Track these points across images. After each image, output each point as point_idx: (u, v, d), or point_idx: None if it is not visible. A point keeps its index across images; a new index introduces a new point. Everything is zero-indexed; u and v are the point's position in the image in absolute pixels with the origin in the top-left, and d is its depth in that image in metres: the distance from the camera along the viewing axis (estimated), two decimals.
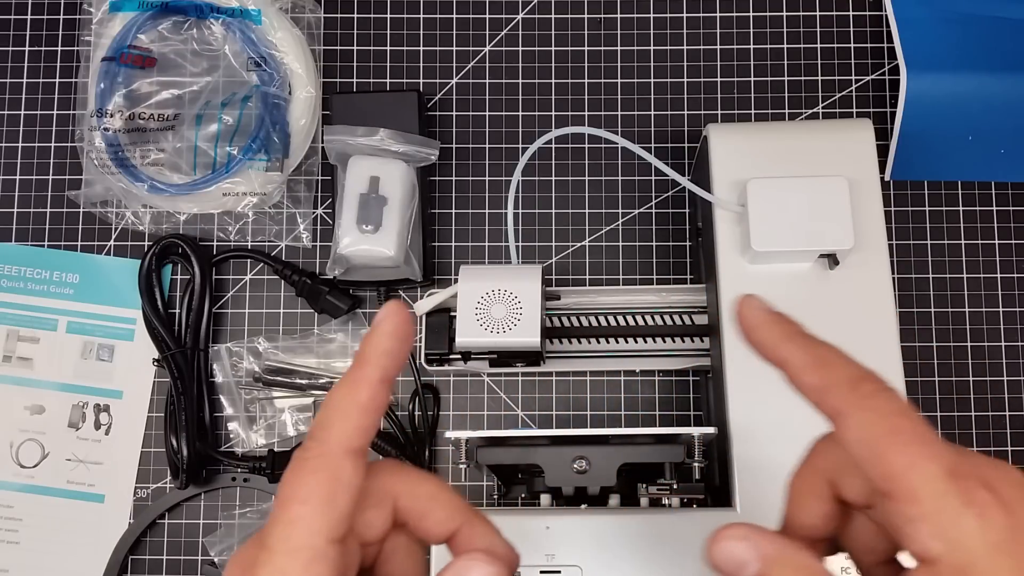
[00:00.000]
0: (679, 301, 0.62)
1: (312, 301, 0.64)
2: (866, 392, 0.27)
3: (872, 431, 0.26)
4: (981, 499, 0.25)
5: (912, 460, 0.26)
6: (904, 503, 0.26)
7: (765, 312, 0.30)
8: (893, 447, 0.26)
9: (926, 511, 0.25)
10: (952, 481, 0.25)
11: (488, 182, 0.66)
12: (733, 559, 0.27)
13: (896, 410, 0.27)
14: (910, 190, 0.66)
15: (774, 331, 0.29)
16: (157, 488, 0.63)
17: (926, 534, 0.25)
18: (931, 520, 0.25)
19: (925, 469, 0.25)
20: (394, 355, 0.28)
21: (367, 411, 0.28)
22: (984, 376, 0.63)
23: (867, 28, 0.68)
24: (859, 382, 0.27)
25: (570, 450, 0.49)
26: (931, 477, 0.25)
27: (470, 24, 0.68)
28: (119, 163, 0.63)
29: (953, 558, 0.25)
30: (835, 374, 0.28)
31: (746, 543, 0.27)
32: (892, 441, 0.26)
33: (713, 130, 0.57)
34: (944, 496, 0.25)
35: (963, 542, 0.25)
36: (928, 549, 0.25)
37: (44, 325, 0.65)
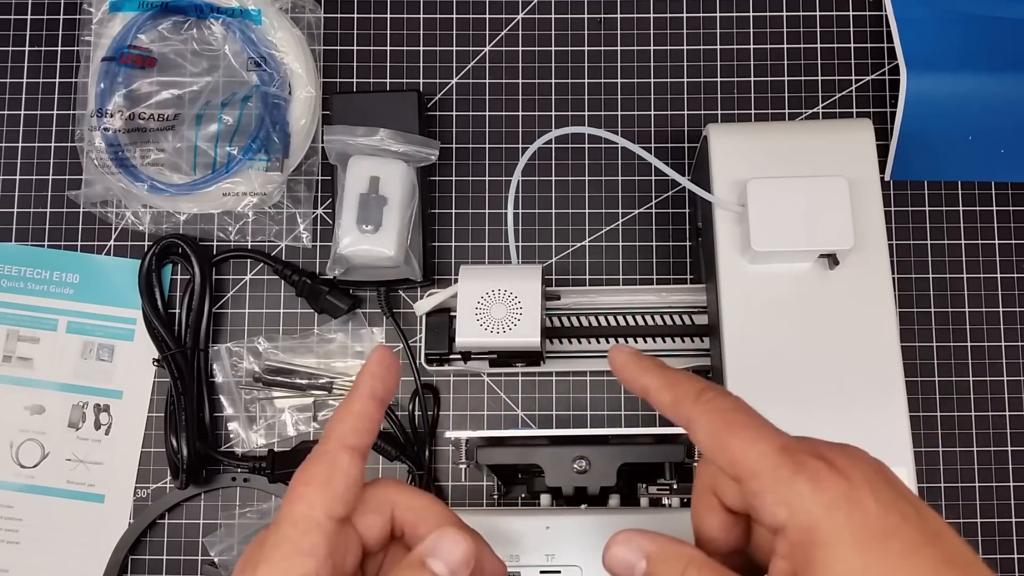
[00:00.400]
0: (679, 301, 0.62)
1: (312, 301, 0.64)
2: (706, 399, 0.31)
3: (713, 428, 0.30)
4: (813, 466, 0.28)
5: (747, 443, 0.29)
6: (748, 481, 0.29)
7: (629, 354, 0.34)
8: (731, 436, 0.30)
9: (765, 483, 0.28)
10: (784, 454, 0.29)
11: (488, 182, 0.66)
12: (623, 562, 0.31)
13: (731, 407, 0.31)
14: (910, 190, 0.66)
15: (637, 366, 0.34)
16: (157, 488, 0.63)
17: (769, 503, 0.28)
18: (771, 490, 0.28)
19: (759, 448, 0.29)
20: (379, 377, 0.34)
21: (359, 416, 0.33)
22: (984, 376, 0.63)
23: (867, 28, 0.68)
24: (701, 392, 0.32)
25: (570, 450, 0.49)
26: (765, 453, 0.29)
27: (470, 24, 0.68)
28: (119, 163, 0.63)
29: (796, 521, 0.28)
30: (682, 390, 0.32)
31: (628, 546, 0.31)
32: (729, 432, 0.30)
33: (713, 130, 0.57)
34: (779, 468, 0.28)
35: (801, 505, 0.28)
36: (775, 517, 0.28)
37: (44, 325, 0.65)
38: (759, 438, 0.29)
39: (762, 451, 0.29)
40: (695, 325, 0.61)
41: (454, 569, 0.31)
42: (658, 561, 0.30)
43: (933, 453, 0.62)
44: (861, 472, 0.28)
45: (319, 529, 0.30)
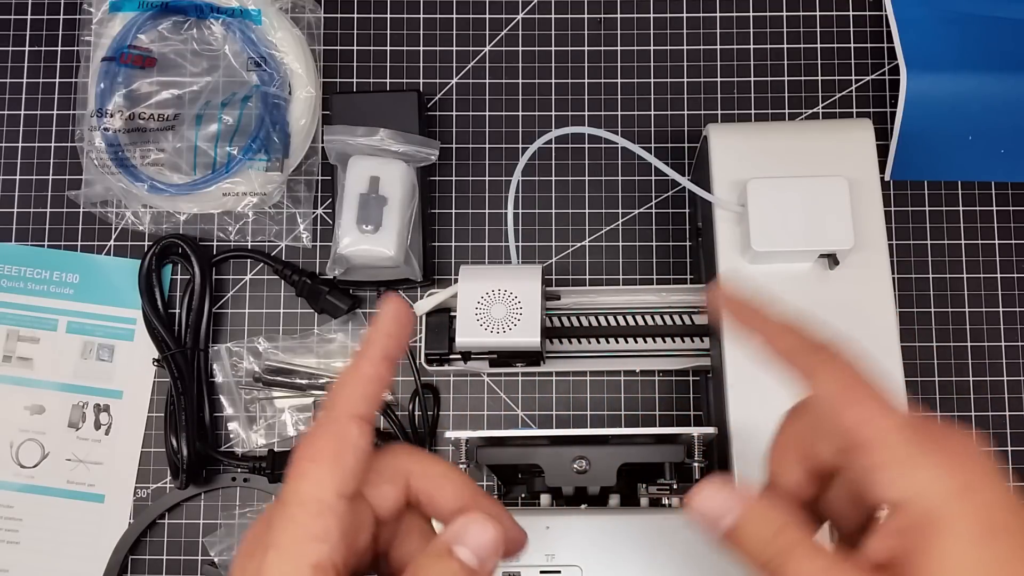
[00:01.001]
0: (679, 301, 0.62)
1: (312, 301, 0.64)
2: (831, 354, 0.30)
3: (839, 387, 0.29)
4: (941, 450, 0.27)
5: (875, 412, 0.28)
6: (871, 452, 0.28)
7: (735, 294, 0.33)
8: (858, 401, 0.28)
9: (889, 458, 0.27)
10: (912, 431, 0.28)
11: (488, 182, 0.66)
12: (713, 510, 0.30)
13: (854, 372, 0.29)
14: (910, 190, 0.66)
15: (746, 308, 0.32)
16: (157, 488, 0.63)
17: (889, 480, 0.27)
18: (894, 466, 0.27)
19: (887, 420, 0.28)
20: (393, 336, 0.31)
21: (369, 381, 0.30)
22: (984, 376, 0.63)
23: (867, 28, 0.68)
24: (824, 345, 0.30)
25: (570, 450, 0.49)
26: (893, 427, 0.28)
27: (470, 24, 0.68)
28: (119, 163, 0.63)
29: (918, 502, 0.27)
30: (803, 340, 0.31)
31: (724, 494, 0.30)
32: (856, 395, 0.28)
33: (713, 130, 0.57)
34: (906, 444, 0.27)
35: (926, 488, 0.27)
36: (892, 493, 0.27)
37: (44, 325, 0.65)
38: (887, 410, 0.28)
39: (890, 424, 0.28)
40: (695, 325, 0.61)
41: (483, 557, 0.29)
42: (750, 518, 0.29)
43: None
44: (981, 464, 0.28)
45: (330, 511, 0.28)
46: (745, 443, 0.51)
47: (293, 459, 0.29)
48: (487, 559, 0.29)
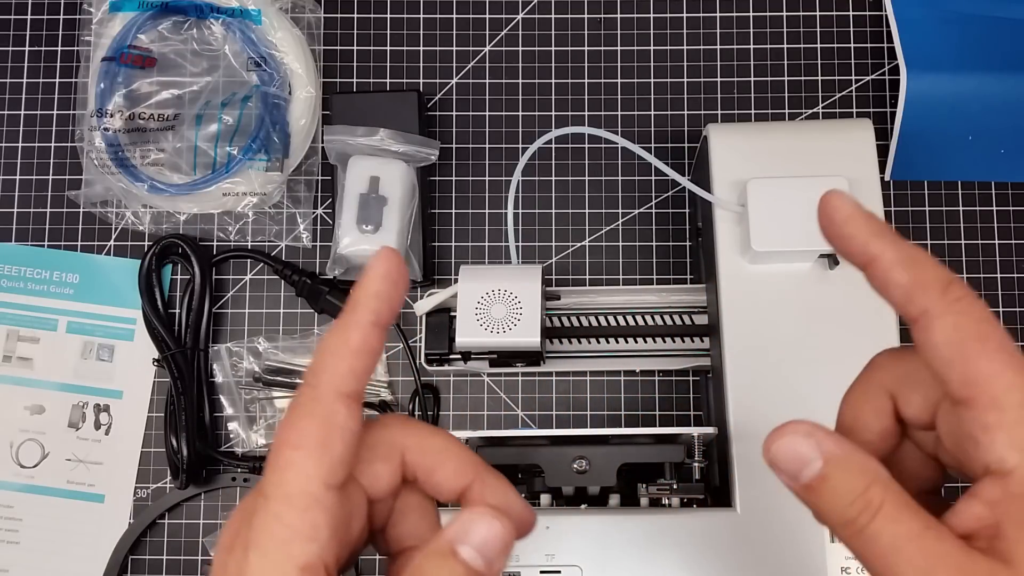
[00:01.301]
0: (679, 301, 0.62)
1: (312, 301, 0.64)
2: (956, 295, 0.26)
3: (961, 334, 0.25)
4: None
5: (1000, 368, 0.25)
6: (984, 410, 0.25)
7: (856, 206, 0.27)
8: (982, 353, 0.25)
9: (1007, 420, 0.24)
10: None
11: (488, 182, 0.66)
12: (795, 456, 0.26)
13: (985, 317, 0.26)
14: (910, 190, 0.66)
15: (866, 226, 0.27)
16: (157, 488, 0.63)
17: (1003, 443, 0.24)
18: (1011, 430, 0.24)
19: (1012, 379, 0.25)
20: (386, 297, 0.27)
21: (359, 353, 0.27)
22: None
23: (867, 28, 0.68)
24: (949, 285, 0.26)
25: (570, 450, 0.49)
26: (1014, 387, 0.25)
27: (470, 24, 0.68)
28: (119, 163, 0.63)
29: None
30: (926, 274, 0.26)
31: (810, 440, 0.26)
32: (981, 347, 0.25)
33: (713, 130, 0.57)
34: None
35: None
36: (1003, 459, 0.24)
37: (44, 325, 0.65)
38: (1015, 366, 0.25)
39: (1012, 383, 0.25)
40: (695, 325, 0.61)
41: (490, 557, 0.26)
42: (839, 468, 0.26)
43: None
44: None
45: (318, 504, 0.25)
46: (745, 443, 0.51)
47: (274, 445, 0.26)
48: (495, 559, 0.26)
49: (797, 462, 0.26)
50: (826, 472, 0.26)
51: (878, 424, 0.29)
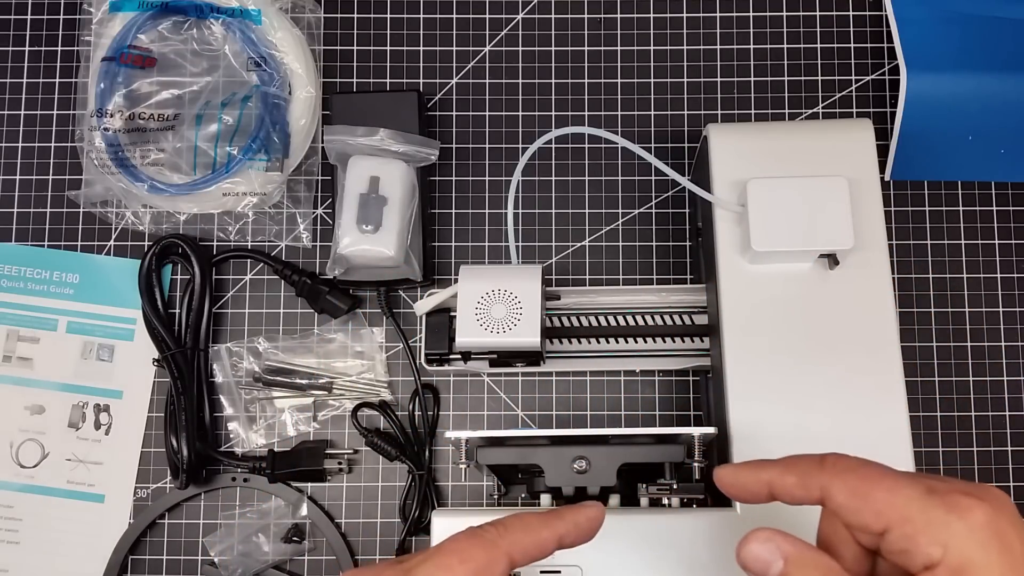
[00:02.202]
0: (679, 301, 0.62)
1: (312, 301, 0.64)
2: (831, 462, 0.32)
3: (851, 485, 0.31)
4: (962, 503, 0.30)
5: (892, 492, 0.30)
6: (899, 527, 0.30)
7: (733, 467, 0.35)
8: (873, 489, 0.31)
9: (918, 526, 0.30)
10: (933, 496, 0.30)
11: (488, 182, 0.66)
12: (759, 560, 0.31)
13: (860, 463, 0.32)
14: (910, 190, 0.66)
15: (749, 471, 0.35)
16: (157, 488, 0.63)
17: (923, 544, 0.29)
18: (924, 532, 0.29)
19: (905, 494, 0.30)
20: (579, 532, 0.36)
21: (538, 544, 0.34)
22: (984, 376, 0.63)
23: (867, 28, 0.68)
24: (823, 459, 0.33)
25: (570, 450, 0.49)
26: (913, 497, 0.30)
27: (470, 24, 0.68)
28: (119, 163, 0.63)
29: (951, 559, 0.29)
30: (803, 465, 0.33)
31: (770, 544, 0.31)
32: (870, 485, 0.31)
33: (713, 130, 0.57)
34: (930, 509, 0.30)
35: (955, 543, 0.29)
36: (929, 556, 0.29)
37: (44, 325, 0.65)
38: (902, 484, 0.30)
39: (909, 496, 0.30)
40: (695, 325, 0.61)
41: None
42: (797, 565, 0.31)
43: (933, 453, 0.62)
44: (1007, 510, 0.30)
45: None
46: (745, 443, 0.51)
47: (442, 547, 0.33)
48: None
49: (762, 564, 0.31)
50: (787, 571, 0.31)
51: (848, 551, 0.34)
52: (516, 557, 0.33)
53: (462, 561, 0.32)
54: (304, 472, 0.62)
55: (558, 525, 0.35)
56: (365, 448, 0.63)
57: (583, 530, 0.36)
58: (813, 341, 0.52)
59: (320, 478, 0.62)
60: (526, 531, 0.34)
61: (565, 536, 0.35)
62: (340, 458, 0.62)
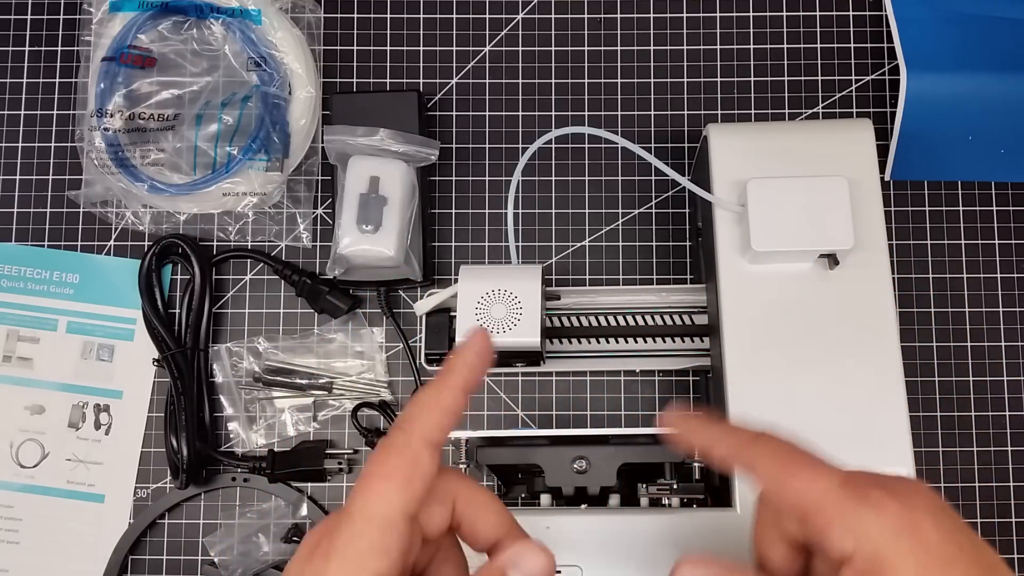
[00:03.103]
0: (679, 301, 0.62)
1: (312, 301, 0.64)
2: (762, 442, 0.32)
3: (774, 469, 0.31)
4: (875, 496, 0.29)
5: (809, 480, 0.30)
6: (814, 516, 0.30)
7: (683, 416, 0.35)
8: (792, 475, 0.31)
9: (831, 516, 0.29)
10: (848, 487, 0.30)
11: (488, 182, 0.66)
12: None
13: (788, 448, 0.32)
14: (910, 190, 0.66)
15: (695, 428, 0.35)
16: (157, 488, 0.63)
17: (836, 535, 0.29)
18: (837, 522, 0.29)
19: (821, 484, 0.30)
20: (476, 369, 0.32)
21: (448, 412, 0.32)
22: (984, 376, 0.63)
23: (867, 28, 0.68)
24: (756, 438, 0.32)
25: (570, 450, 0.49)
26: (828, 488, 0.30)
27: (470, 24, 0.68)
28: (119, 163, 0.63)
29: (863, 550, 0.29)
30: (736, 438, 0.33)
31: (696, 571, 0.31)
32: (790, 471, 0.31)
33: (713, 130, 0.57)
34: (844, 500, 0.29)
35: (867, 533, 0.29)
36: (842, 548, 0.29)
37: (44, 325, 0.65)
38: (820, 474, 0.30)
39: (825, 487, 0.30)
40: (695, 325, 0.61)
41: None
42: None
43: (933, 453, 0.62)
44: (922, 502, 0.29)
45: (394, 528, 0.30)
46: None
47: (363, 474, 0.31)
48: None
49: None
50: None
51: (780, 550, 0.34)
52: (435, 436, 0.31)
53: (387, 478, 0.30)
54: (304, 472, 0.62)
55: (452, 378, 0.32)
56: (365, 448, 0.63)
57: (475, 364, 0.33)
58: (813, 341, 0.52)
59: (320, 478, 0.62)
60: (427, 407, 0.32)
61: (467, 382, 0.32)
62: (340, 458, 0.62)
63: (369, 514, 0.29)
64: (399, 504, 0.30)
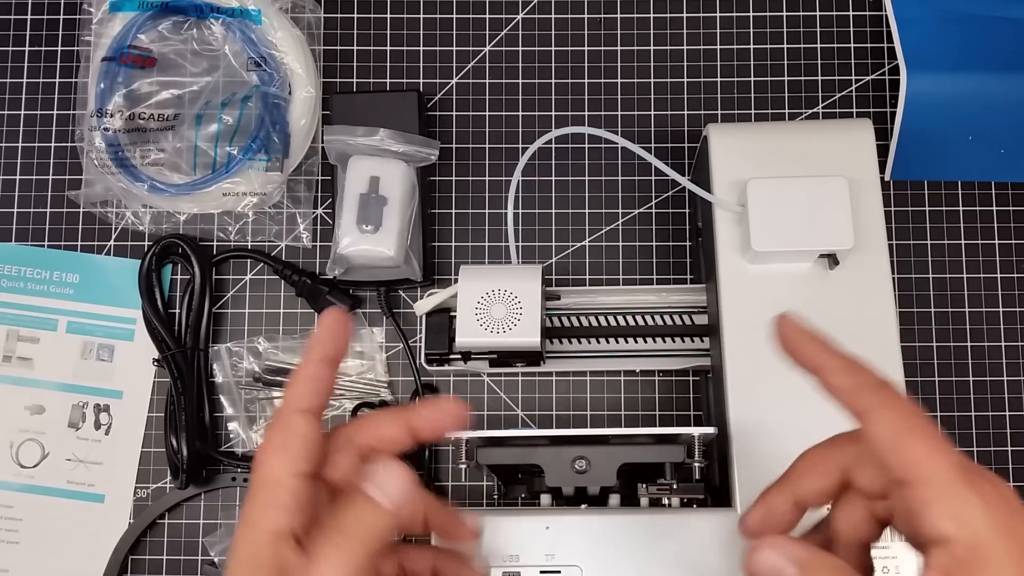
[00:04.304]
0: (679, 301, 0.62)
1: (312, 301, 0.64)
2: (889, 394, 0.32)
3: (895, 426, 0.31)
4: (987, 490, 0.29)
5: (929, 451, 0.30)
6: (920, 488, 0.30)
7: (802, 328, 0.35)
8: (913, 441, 0.30)
9: (940, 495, 0.29)
10: (962, 471, 0.30)
11: (488, 182, 0.66)
12: (771, 568, 0.32)
13: (914, 411, 0.31)
14: (910, 190, 0.66)
15: (813, 342, 0.34)
16: (157, 488, 0.63)
17: (939, 515, 0.29)
18: (944, 502, 0.29)
19: (940, 460, 0.30)
20: (327, 341, 0.36)
21: (310, 379, 0.35)
22: (984, 376, 0.63)
23: (867, 28, 0.68)
24: (884, 386, 0.32)
25: (570, 450, 0.49)
26: (945, 466, 0.30)
27: (470, 24, 0.68)
28: (119, 163, 0.63)
29: (964, 536, 0.29)
30: (863, 379, 0.32)
31: (779, 551, 0.32)
32: (912, 435, 0.30)
33: (713, 130, 0.57)
34: (956, 483, 0.29)
35: (972, 523, 0.29)
36: (942, 529, 0.29)
37: (44, 325, 0.65)
38: (940, 451, 0.30)
39: (941, 463, 0.30)
40: (695, 325, 0.61)
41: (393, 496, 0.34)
42: (809, 570, 0.31)
43: None
44: (1019, 506, 0.30)
45: (281, 487, 0.33)
46: (745, 443, 0.51)
47: (256, 454, 0.35)
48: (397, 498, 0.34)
49: (775, 571, 0.32)
50: None
51: (822, 484, 0.35)
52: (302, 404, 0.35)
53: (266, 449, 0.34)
54: None
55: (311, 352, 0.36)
56: None
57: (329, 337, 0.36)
58: None
59: None
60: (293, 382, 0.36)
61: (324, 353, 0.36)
62: None
63: (259, 480, 0.34)
64: (281, 467, 0.33)
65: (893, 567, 0.48)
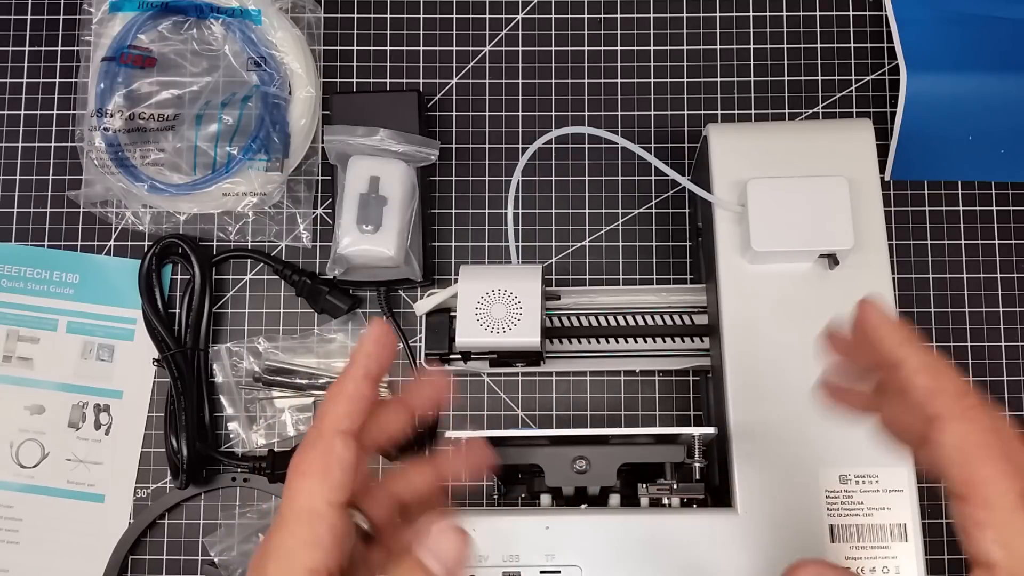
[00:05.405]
0: (679, 301, 0.62)
1: (312, 301, 0.64)
2: (969, 404, 0.31)
3: (967, 440, 0.30)
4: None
5: (994, 475, 0.30)
6: (977, 508, 0.30)
7: (886, 316, 0.33)
8: (983, 460, 0.30)
9: (995, 520, 0.29)
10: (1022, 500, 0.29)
11: (488, 182, 0.66)
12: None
13: (991, 427, 0.31)
14: (910, 190, 0.66)
15: (895, 333, 0.33)
16: (157, 488, 0.63)
17: (990, 539, 0.29)
18: (998, 528, 0.29)
19: (1003, 484, 0.30)
20: (374, 357, 0.34)
21: (351, 399, 0.33)
22: (984, 376, 0.63)
23: (867, 28, 0.68)
24: (964, 394, 0.31)
25: (570, 450, 0.49)
26: (1006, 492, 0.29)
27: (470, 24, 0.68)
28: (119, 163, 0.63)
29: (1010, 565, 0.29)
30: (944, 382, 0.32)
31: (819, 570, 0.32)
32: (981, 454, 0.30)
33: (713, 130, 0.57)
34: (1014, 511, 0.29)
35: (1021, 553, 0.29)
36: (990, 553, 0.29)
37: (44, 325, 0.65)
38: (1008, 474, 0.30)
39: (1005, 488, 0.30)
40: (695, 325, 0.61)
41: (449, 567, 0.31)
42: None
43: None
44: None
45: (322, 520, 0.31)
46: (745, 443, 0.51)
47: (288, 474, 0.32)
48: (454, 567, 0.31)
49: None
50: None
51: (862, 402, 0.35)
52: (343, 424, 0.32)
53: (305, 473, 0.31)
54: None
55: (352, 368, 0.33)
56: None
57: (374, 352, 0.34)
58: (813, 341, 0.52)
59: None
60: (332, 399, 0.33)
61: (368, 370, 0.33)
62: None
63: (296, 510, 0.31)
64: (320, 495, 0.31)
65: (893, 567, 0.48)
